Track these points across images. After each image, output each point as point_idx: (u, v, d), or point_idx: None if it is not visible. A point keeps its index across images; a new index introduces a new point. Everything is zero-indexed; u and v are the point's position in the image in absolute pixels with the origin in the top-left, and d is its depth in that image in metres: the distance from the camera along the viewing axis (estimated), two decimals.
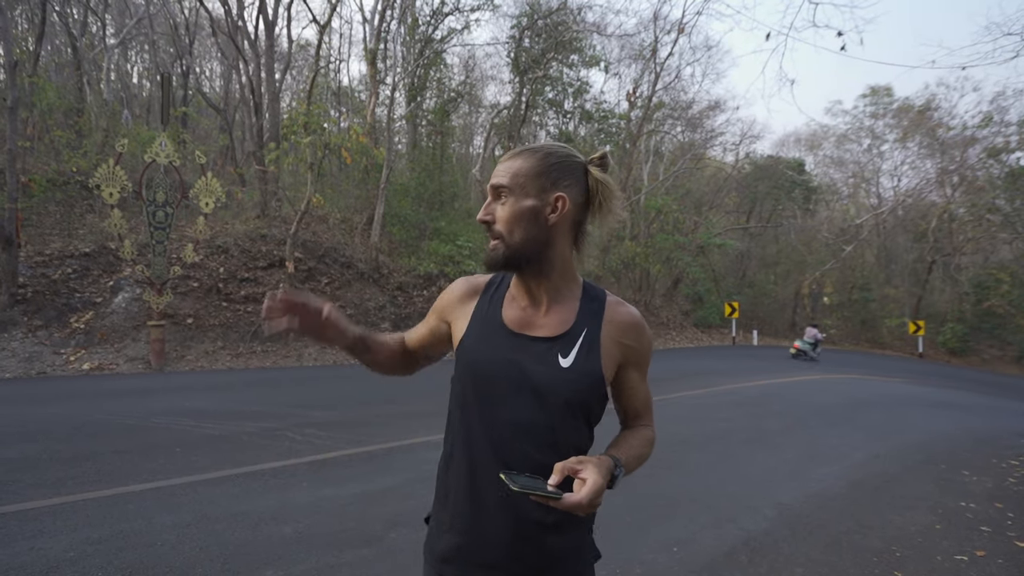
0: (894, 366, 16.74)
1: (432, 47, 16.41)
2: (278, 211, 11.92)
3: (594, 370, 0.91)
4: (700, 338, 20.17)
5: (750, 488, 3.84)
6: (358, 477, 3.71)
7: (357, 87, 21.69)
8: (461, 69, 20.45)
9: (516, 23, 16.93)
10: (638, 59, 21.39)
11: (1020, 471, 4.99)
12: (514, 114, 17.69)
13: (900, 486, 4.25)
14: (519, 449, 0.88)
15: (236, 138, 15.62)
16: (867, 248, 27.15)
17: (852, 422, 6.67)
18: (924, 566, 2.87)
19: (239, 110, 16.87)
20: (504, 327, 0.94)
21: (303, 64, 21.45)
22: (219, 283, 9.77)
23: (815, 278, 23.91)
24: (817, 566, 2.77)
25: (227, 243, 10.28)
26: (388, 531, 2.90)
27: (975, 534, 3.39)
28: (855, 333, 25.12)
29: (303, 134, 9.23)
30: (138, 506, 3.04)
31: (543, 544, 0.89)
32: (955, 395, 10.52)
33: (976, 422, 7.46)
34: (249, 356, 9.01)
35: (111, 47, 15.51)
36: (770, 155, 27.12)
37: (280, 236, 10.95)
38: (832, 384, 10.22)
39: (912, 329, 22.19)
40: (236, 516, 2.99)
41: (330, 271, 11.41)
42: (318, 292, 10.93)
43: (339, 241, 12.25)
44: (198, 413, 5.28)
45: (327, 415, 5.42)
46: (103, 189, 7.75)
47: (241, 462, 3.89)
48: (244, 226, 11.00)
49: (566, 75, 19.35)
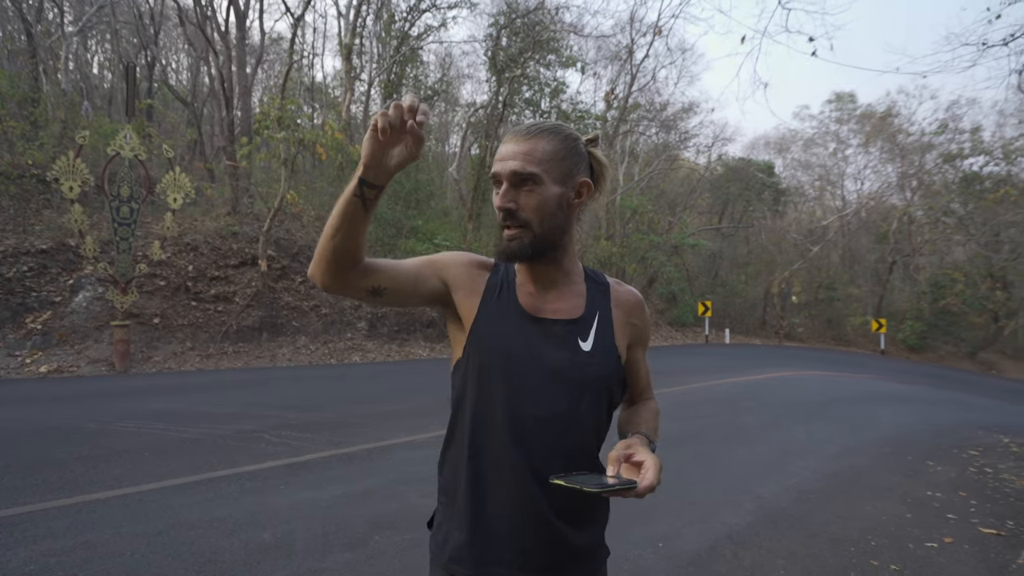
0: (859, 362, 17.35)
1: (408, 44, 16.23)
2: (250, 208, 11.60)
3: (613, 352, 0.92)
4: (674, 336, 20.51)
5: (730, 483, 3.90)
6: (338, 479, 3.62)
7: (331, 83, 21.31)
8: (438, 67, 20.32)
9: (494, 21, 16.89)
10: (614, 60, 21.62)
11: (979, 461, 5.22)
12: (491, 113, 17.64)
13: (871, 477, 4.39)
14: (543, 438, 0.85)
15: (205, 133, 15.13)
16: (833, 249, 28.08)
17: (823, 417, 6.86)
18: (897, 554, 2.96)
19: (208, 104, 16.35)
20: (523, 311, 0.90)
21: (275, 58, 20.94)
22: (188, 282, 9.44)
23: (784, 278, 24.58)
24: (798, 558, 2.83)
25: (196, 240, 9.94)
26: (372, 534, 2.83)
27: (942, 522, 3.52)
28: (822, 331, 25.95)
29: (276, 129, 8.99)
30: (104, 515, 2.90)
31: (564, 540, 0.87)
32: (916, 390, 10.95)
33: (937, 415, 7.78)
34: (220, 357, 8.73)
35: (69, 35, 14.81)
36: (741, 157, 27.80)
37: (252, 234, 10.65)
38: (802, 381, 10.51)
39: (875, 327, 23.05)
40: (210, 522, 2.88)
41: (304, 270, 11.16)
42: (292, 291, 10.68)
43: (314, 239, 12.00)
44: (167, 416, 5.08)
45: (304, 416, 5.28)
46: (62, 183, 7.39)
47: (215, 466, 3.75)
48: (214, 223, 10.65)
49: (543, 75, 19.40)
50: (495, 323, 0.89)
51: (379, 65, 15.38)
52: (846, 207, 28.88)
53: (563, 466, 0.84)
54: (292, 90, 15.25)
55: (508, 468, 0.86)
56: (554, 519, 0.86)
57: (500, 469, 0.86)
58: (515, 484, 0.85)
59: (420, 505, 3.22)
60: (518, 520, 0.85)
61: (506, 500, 0.86)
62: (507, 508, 0.86)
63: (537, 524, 0.85)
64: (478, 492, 0.87)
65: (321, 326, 10.59)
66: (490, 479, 0.87)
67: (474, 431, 0.88)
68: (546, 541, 0.86)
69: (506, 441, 0.86)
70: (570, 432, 0.87)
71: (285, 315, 10.22)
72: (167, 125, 16.11)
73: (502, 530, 0.86)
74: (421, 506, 3.21)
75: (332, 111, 16.83)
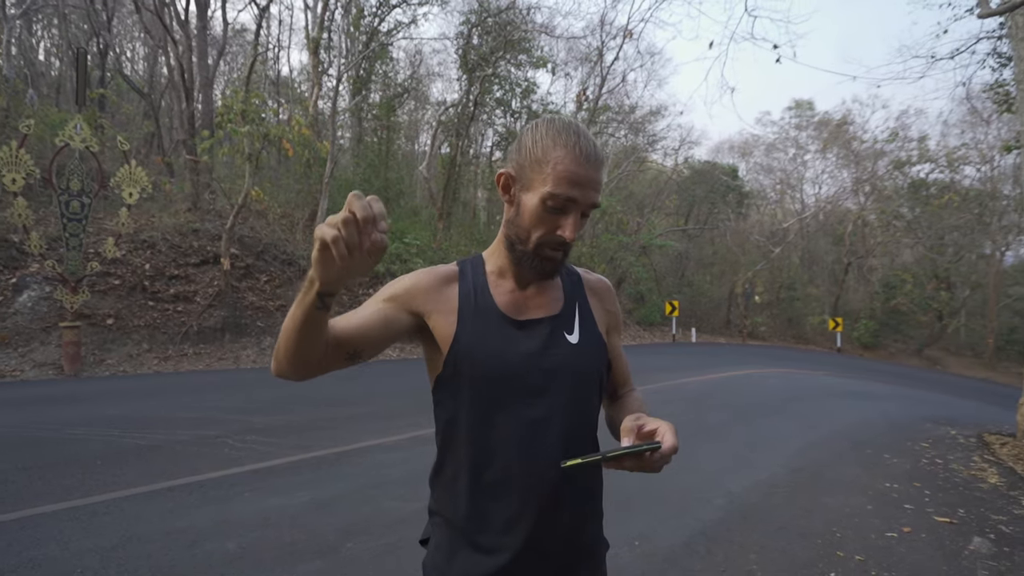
0: (817, 360, 18.03)
1: (378, 39, 15.96)
2: (212, 204, 11.17)
3: (599, 341, 0.93)
4: (642, 336, 20.86)
5: (701, 480, 3.97)
6: (307, 484, 3.50)
7: (297, 77, 20.76)
8: (407, 64, 20.06)
9: (465, 20, 16.79)
10: (584, 62, 21.82)
11: (930, 453, 5.49)
12: (462, 112, 17.53)
13: (833, 471, 4.55)
14: (549, 440, 0.84)
15: (163, 125, 14.49)
16: (793, 250, 29.11)
17: (786, 413, 7.09)
18: (861, 545, 3.07)
19: (166, 96, 15.67)
20: (503, 316, 0.88)
21: (239, 50, 20.25)
22: (145, 280, 9.00)
23: (747, 278, 25.34)
24: (768, 552, 2.89)
25: (154, 237, 9.50)
26: (343, 541, 2.75)
27: (900, 512, 3.67)
28: (783, 330, 26.86)
29: (240, 123, 8.67)
30: (51, 529, 2.72)
31: (579, 538, 0.89)
32: (870, 386, 11.45)
33: (890, 410, 8.14)
34: (179, 359, 8.36)
35: (12, 17, 13.93)
36: (707, 160, 28.51)
37: (214, 231, 10.26)
38: (765, 378, 10.83)
39: (831, 325, 24.02)
40: (170, 534, 2.74)
41: (270, 268, 10.83)
42: (257, 291, 10.34)
43: (280, 237, 11.65)
44: (122, 421, 4.83)
45: (270, 419, 5.11)
46: (4, 175, 6.93)
47: (174, 474, 3.58)
48: (173, 219, 10.21)
49: (514, 75, 19.42)
50: (480, 335, 0.86)
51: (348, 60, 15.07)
52: (805, 210, 30.00)
53: None
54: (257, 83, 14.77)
55: (519, 476, 0.83)
56: (569, 519, 0.86)
57: (510, 479, 0.84)
58: (528, 491, 0.83)
59: (393, 509, 3.15)
60: (536, 526, 0.84)
61: (520, 510, 0.84)
62: (523, 517, 0.84)
63: (556, 526, 0.85)
64: (491, 506, 0.84)
65: None
66: (500, 491, 0.84)
67: (476, 446, 0.85)
68: (564, 541, 0.86)
69: (512, 450, 0.84)
70: (573, 426, 0.87)
71: (249, 315, 9.88)
72: (121, 116, 15.33)
73: (520, 540, 0.83)
74: (394, 510, 3.14)
75: (299, 106, 16.40)
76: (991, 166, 25.85)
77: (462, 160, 18.45)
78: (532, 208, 0.83)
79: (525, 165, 0.84)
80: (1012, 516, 3.78)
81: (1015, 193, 23.91)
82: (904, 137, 26.64)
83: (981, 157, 25.74)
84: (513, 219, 0.87)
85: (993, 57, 9.55)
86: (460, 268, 0.93)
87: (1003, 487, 4.48)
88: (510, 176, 0.86)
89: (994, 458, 5.47)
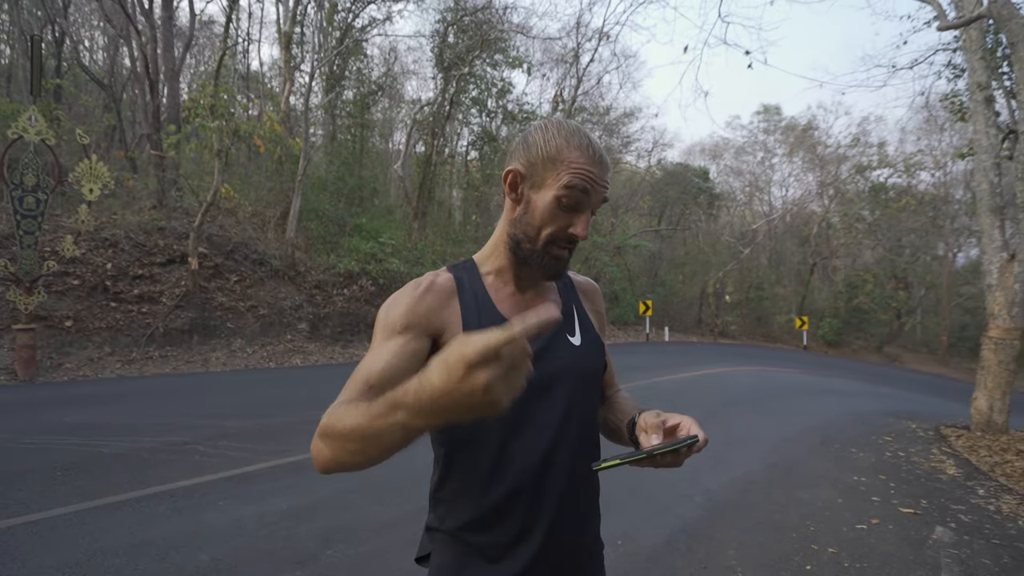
0: (784, 358, 18.57)
1: (352, 36, 15.69)
2: (179, 202, 10.78)
3: (598, 341, 0.94)
4: (616, 335, 21.11)
5: (680, 477, 4.03)
6: (284, 491, 3.41)
7: (268, 72, 20.24)
8: (382, 61, 19.79)
9: (441, 18, 16.66)
10: (560, 63, 21.94)
11: (893, 446, 5.72)
12: (437, 111, 17.40)
13: (805, 466, 4.69)
14: (561, 443, 0.84)
15: (125, 119, 13.92)
16: (762, 251, 29.94)
17: (758, 410, 7.27)
18: (834, 537, 3.17)
19: (128, 88, 15.06)
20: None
21: (206, 43, 19.61)
22: (106, 280, 8.62)
23: (718, 278, 25.94)
24: (746, 547, 2.96)
25: (116, 236, 9.11)
26: (323, 549, 2.69)
27: (868, 504, 3.81)
28: (752, 328, 27.58)
29: (209, 118, 8.38)
30: (7, 546, 2.57)
31: (589, 535, 0.91)
32: (835, 382, 11.86)
33: (855, 405, 8.45)
34: (144, 362, 8.04)
35: None
36: (679, 162, 29.04)
37: (182, 229, 9.90)
38: (737, 376, 11.10)
39: (798, 324, 24.78)
40: (138, 547, 2.62)
41: (240, 268, 10.52)
42: (227, 291, 10.03)
43: (250, 236, 11.33)
44: (83, 429, 4.61)
45: (243, 424, 4.96)
46: None
47: (142, 483, 3.43)
48: (137, 217, 9.81)
49: (490, 74, 19.37)
50: None
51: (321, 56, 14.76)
52: (773, 212, 30.88)
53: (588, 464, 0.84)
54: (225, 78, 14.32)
55: (533, 483, 0.82)
56: (578, 522, 0.87)
57: (523, 488, 0.82)
58: (542, 497, 0.83)
59: (375, 514, 3.10)
60: (550, 532, 0.83)
61: (534, 518, 0.83)
62: (536, 525, 0.83)
63: (566, 530, 0.85)
64: (503, 517, 0.83)
65: (259, 328, 10.02)
66: (513, 501, 0.83)
67: (486, 457, 0.83)
68: (573, 544, 0.87)
69: (525, 457, 0.82)
70: (582, 428, 0.87)
71: (219, 316, 9.58)
72: (80, 108, 14.66)
73: (534, 547, 0.83)
74: (376, 515, 3.09)
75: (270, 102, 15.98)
76: (944, 172, 27.16)
77: (437, 159, 18.31)
78: (545, 205, 0.83)
79: (536, 163, 0.84)
80: (970, 505, 3.97)
81: (966, 198, 25.18)
82: (865, 143, 27.76)
83: (935, 163, 27.01)
84: (521, 217, 0.86)
85: (949, 68, 10.01)
86: (456, 277, 0.88)
87: (960, 478, 4.70)
88: (519, 173, 0.85)
89: (951, 450, 5.73)
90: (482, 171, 20.30)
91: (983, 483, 4.58)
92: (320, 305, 11.32)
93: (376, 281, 12.28)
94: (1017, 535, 3.44)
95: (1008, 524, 3.63)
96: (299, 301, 11.00)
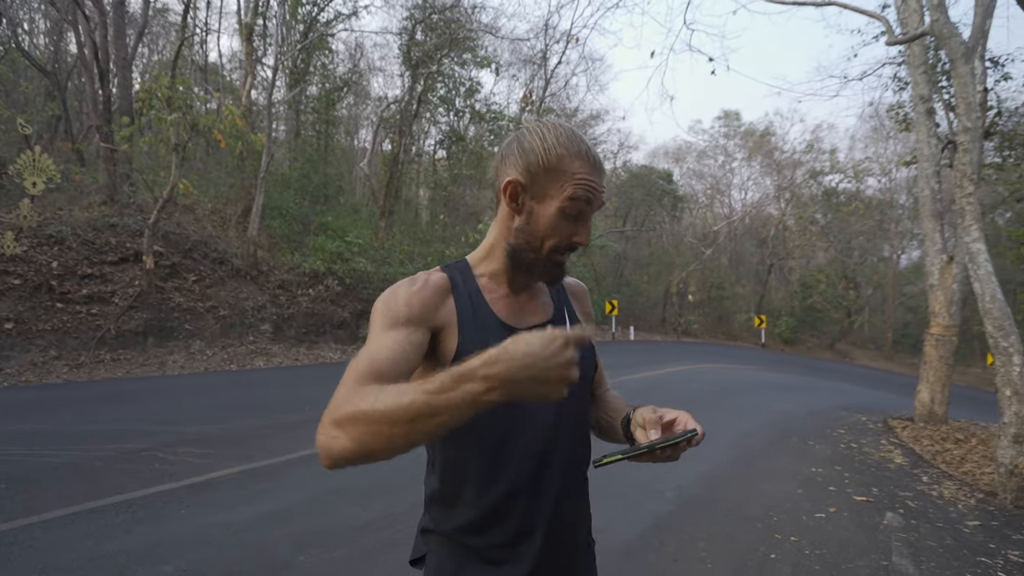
0: (744, 355, 19.25)
1: (316, 30, 15.32)
2: (132, 197, 10.26)
3: (590, 344, 0.96)
4: None
5: (651, 473, 4.13)
6: (253, 497, 3.32)
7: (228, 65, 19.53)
8: (347, 57, 19.41)
9: (409, 15, 16.48)
10: (528, 64, 22.05)
11: (846, 438, 6.03)
12: (405, 109, 17.20)
13: (766, 459, 4.88)
14: (559, 443, 0.86)
15: (71, 108, 13.15)
16: (722, 252, 30.92)
17: (720, 406, 7.52)
18: (795, 526, 3.33)
19: (75, 76, 14.24)
20: (504, 324, 0.87)
21: (160, 32, 18.74)
22: (51, 280, 8.13)
23: (682, 278, 26.64)
24: (715, 538, 3.07)
25: (63, 232, 8.60)
26: (296, 555, 2.63)
27: (826, 494, 4.01)
28: (713, 327, 28.45)
29: (166, 110, 8.02)
30: None
31: (583, 531, 0.93)
32: (792, 378, 12.39)
33: (810, 400, 8.85)
34: (94, 366, 7.63)
35: None
36: (644, 165, 29.68)
37: (135, 226, 9.43)
38: (699, 374, 11.44)
39: (756, 323, 25.73)
40: (95, 561, 2.50)
41: (199, 267, 10.11)
42: (184, 291, 9.63)
43: (210, 234, 10.90)
44: (27, 438, 4.34)
45: (205, 429, 4.78)
46: None
47: (96, 494, 3.26)
48: (86, 213, 9.29)
49: (458, 73, 19.28)
50: (483, 346, 0.82)
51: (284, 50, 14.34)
52: (733, 214, 31.96)
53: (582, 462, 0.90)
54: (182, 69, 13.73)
55: (532, 484, 0.84)
56: (575, 518, 0.89)
57: (523, 489, 0.84)
58: (541, 497, 0.84)
59: (351, 517, 3.05)
60: (550, 530, 0.85)
61: (533, 517, 0.84)
62: (536, 524, 0.84)
63: (564, 527, 0.87)
64: (502, 517, 0.84)
65: (219, 329, 9.66)
66: (512, 501, 0.84)
67: (485, 458, 0.84)
68: (570, 542, 0.89)
69: (524, 459, 0.84)
70: (578, 428, 0.90)
71: (176, 317, 9.19)
72: (19, 96, 13.75)
73: (535, 546, 0.84)
74: (352, 519, 3.04)
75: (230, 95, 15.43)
76: (890, 178, 28.77)
77: (405, 158, 18.09)
78: (549, 217, 0.83)
79: (538, 173, 0.83)
80: (916, 492, 4.23)
81: (909, 203, 26.75)
82: (818, 149, 29.11)
83: (882, 170, 28.60)
84: (524, 227, 0.85)
85: (895, 81, 10.61)
86: (450, 276, 0.88)
87: (907, 466, 5.01)
88: (520, 184, 0.84)
89: (898, 440, 6.10)
90: (450, 170, 20.19)
91: (927, 470, 4.89)
92: (284, 305, 11.02)
93: (343, 281, 12.04)
94: (957, 518, 3.69)
95: (949, 508, 3.89)
96: (262, 301, 10.67)
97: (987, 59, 7.85)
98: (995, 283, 4.53)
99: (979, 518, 3.71)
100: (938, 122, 7.70)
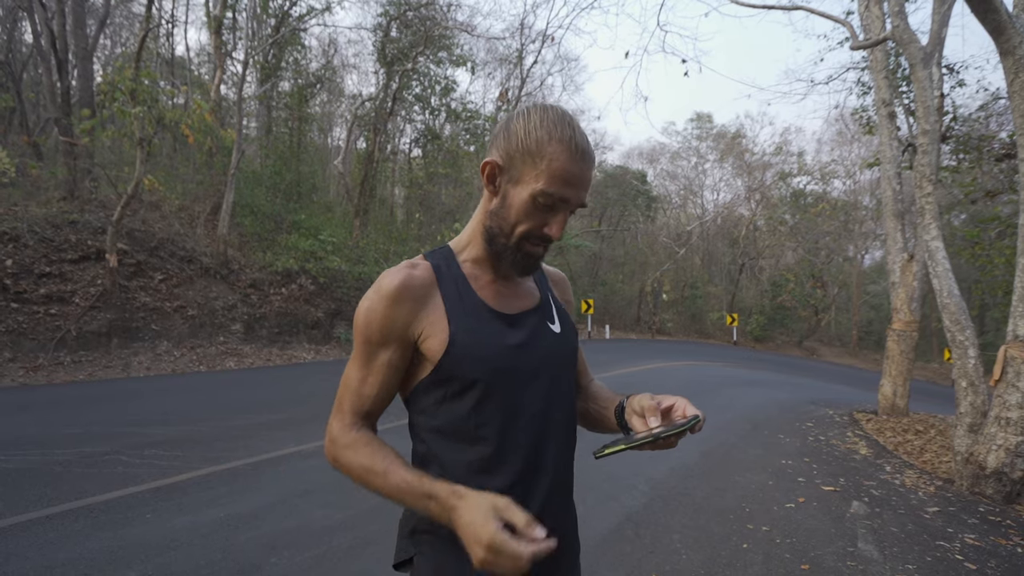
0: (716, 353, 19.65)
1: (288, 24, 15.01)
2: (94, 193, 9.88)
3: (574, 329, 0.97)
4: None
5: (625, 467, 4.18)
6: (221, 499, 3.22)
7: (196, 58, 18.95)
8: (321, 53, 19.08)
9: (384, 11, 16.29)
10: (504, 63, 22.06)
11: (814, 431, 6.21)
12: (379, 106, 17.00)
13: (739, 452, 4.99)
14: (552, 431, 0.85)
15: (27, 100, 12.58)
16: (695, 252, 31.50)
17: (694, 402, 7.54)
18: (766, 516, 3.40)
19: (30, 66, 13.64)
20: (492, 311, 0.85)
21: (123, 23, 18.08)
22: (6, 279, 7.76)
23: (656, 277, 27.04)
24: (689, 530, 3.11)
25: (18, 229, 8.22)
26: (267, 557, 2.57)
27: (795, 485, 4.12)
28: (687, 325, 28.97)
29: (130, 103, 7.73)
30: None
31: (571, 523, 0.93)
32: (762, 374, 12.70)
33: (780, 395, 9.09)
34: (53, 368, 7.32)
35: None
36: (619, 165, 30.00)
37: (97, 223, 9.08)
38: (673, 371, 11.63)
39: (728, 321, 26.30)
40: (52, 569, 2.40)
41: (166, 266, 9.79)
42: (150, 290, 9.31)
43: (178, 232, 10.57)
44: None
45: (171, 431, 4.63)
46: None
47: (55, 499, 3.13)
48: (44, 209, 8.90)
49: (433, 71, 19.14)
50: (474, 334, 0.82)
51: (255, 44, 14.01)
52: (705, 215, 32.58)
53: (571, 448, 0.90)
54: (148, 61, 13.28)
55: (527, 473, 0.82)
56: (566, 509, 0.90)
57: (519, 478, 0.82)
58: (536, 487, 0.83)
59: (321, 518, 2.99)
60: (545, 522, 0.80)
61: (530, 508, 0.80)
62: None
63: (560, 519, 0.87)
64: None
65: (188, 329, 9.38)
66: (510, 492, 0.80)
67: (480, 448, 0.81)
68: (563, 535, 0.84)
69: (519, 448, 0.82)
70: (568, 415, 0.89)
71: (142, 317, 8.88)
72: None
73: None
74: (321, 519, 2.98)
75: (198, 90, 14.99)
76: (854, 180, 29.75)
77: (379, 156, 17.88)
78: (521, 203, 0.80)
79: (515, 156, 0.80)
80: (879, 481, 4.38)
81: (872, 204, 27.73)
82: (787, 152, 29.93)
83: (846, 172, 29.55)
84: (497, 211, 0.83)
85: (859, 86, 10.98)
86: (434, 265, 0.87)
87: (871, 456, 5.18)
88: (497, 165, 0.82)
89: (863, 432, 6.31)
90: (426, 169, 20.04)
91: (890, 460, 5.08)
92: (256, 305, 10.76)
93: (316, 280, 11.83)
94: (918, 505, 3.84)
95: (911, 496, 4.05)
96: (232, 301, 10.40)
97: (943, 66, 8.20)
98: (952, 280, 4.73)
99: (938, 504, 3.87)
100: (899, 126, 8.00)
